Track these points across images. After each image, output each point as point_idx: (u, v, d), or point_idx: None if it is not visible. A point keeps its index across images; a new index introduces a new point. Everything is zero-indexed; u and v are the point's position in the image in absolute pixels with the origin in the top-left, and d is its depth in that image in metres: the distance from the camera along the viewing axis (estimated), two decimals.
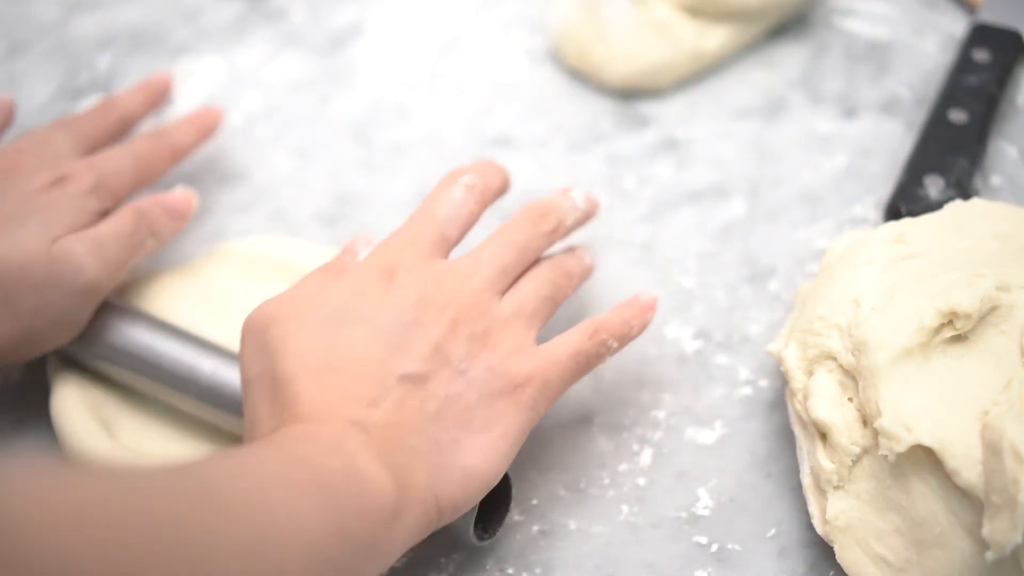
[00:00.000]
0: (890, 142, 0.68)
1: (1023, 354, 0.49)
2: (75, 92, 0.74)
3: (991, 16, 0.70)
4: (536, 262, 0.55)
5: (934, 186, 0.62)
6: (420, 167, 0.69)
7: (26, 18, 0.78)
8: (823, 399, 0.50)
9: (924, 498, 0.48)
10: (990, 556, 0.45)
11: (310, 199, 0.68)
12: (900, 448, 0.47)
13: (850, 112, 0.70)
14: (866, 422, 0.49)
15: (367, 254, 0.53)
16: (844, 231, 0.64)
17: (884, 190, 0.65)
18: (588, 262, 0.57)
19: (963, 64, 0.68)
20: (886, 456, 0.48)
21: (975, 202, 0.56)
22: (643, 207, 0.66)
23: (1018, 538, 0.44)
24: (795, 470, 0.53)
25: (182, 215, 0.61)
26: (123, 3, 0.79)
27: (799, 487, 0.53)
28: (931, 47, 0.73)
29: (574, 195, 0.57)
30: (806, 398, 0.51)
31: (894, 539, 0.49)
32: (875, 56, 0.72)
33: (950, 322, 0.49)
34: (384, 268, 0.52)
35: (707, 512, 0.54)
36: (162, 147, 0.63)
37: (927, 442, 0.47)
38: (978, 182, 0.65)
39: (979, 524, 0.45)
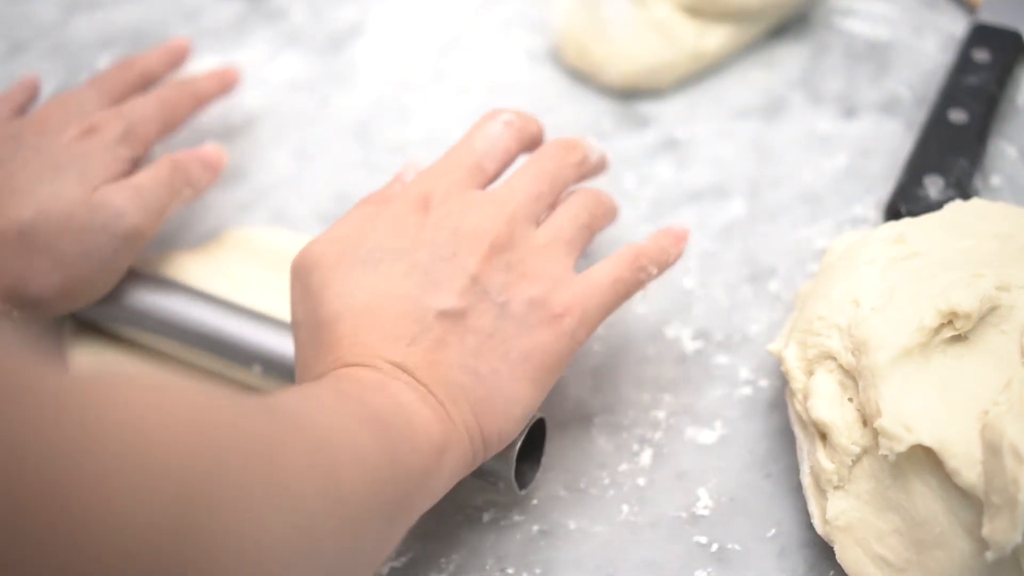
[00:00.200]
0: (890, 142, 0.68)
1: (1023, 354, 0.49)
2: None
3: (991, 16, 0.70)
4: (568, 194, 0.55)
5: (934, 186, 0.62)
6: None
7: (26, 18, 0.78)
8: (823, 399, 0.50)
9: (924, 498, 0.48)
10: (990, 556, 0.45)
11: (310, 199, 0.68)
12: (900, 448, 0.47)
13: (850, 112, 0.70)
14: (866, 422, 0.49)
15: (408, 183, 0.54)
16: (844, 231, 0.64)
17: (884, 190, 0.65)
18: (615, 202, 0.57)
19: (963, 64, 0.68)
20: (886, 456, 0.48)
21: (975, 202, 0.56)
22: (643, 207, 0.66)
23: (1018, 538, 0.44)
24: (795, 470, 0.53)
25: (214, 167, 0.63)
26: (123, 3, 0.79)
27: (799, 487, 0.53)
28: (931, 47, 0.73)
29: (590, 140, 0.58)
30: (806, 398, 0.51)
31: (894, 539, 0.49)
32: (875, 56, 0.72)
33: (950, 322, 0.49)
34: (420, 198, 0.52)
35: (707, 512, 0.54)
36: (186, 94, 0.65)
37: (927, 442, 0.47)
38: (978, 182, 0.65)
39: (979, 524, 0.45)
